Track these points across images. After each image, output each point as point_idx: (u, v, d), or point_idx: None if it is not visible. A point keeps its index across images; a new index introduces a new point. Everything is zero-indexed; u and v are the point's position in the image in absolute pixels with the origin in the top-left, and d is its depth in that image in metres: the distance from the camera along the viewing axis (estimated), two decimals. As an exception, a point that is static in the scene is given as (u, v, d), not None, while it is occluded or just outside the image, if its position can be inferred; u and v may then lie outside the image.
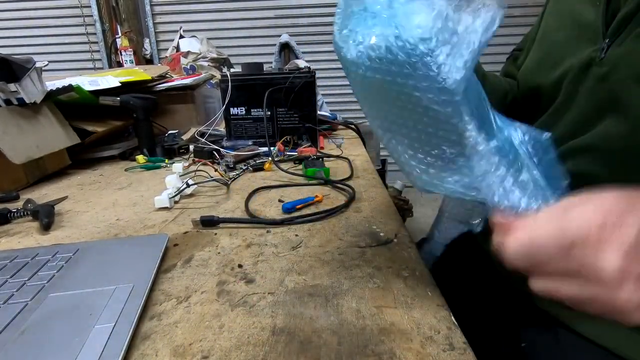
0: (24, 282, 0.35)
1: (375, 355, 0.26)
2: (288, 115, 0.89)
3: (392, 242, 0.43)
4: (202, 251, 0.43)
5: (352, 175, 0.69)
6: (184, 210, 0.55)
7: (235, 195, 0.61)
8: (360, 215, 0.51)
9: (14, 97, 0.70)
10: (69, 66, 2.71)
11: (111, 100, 0.84)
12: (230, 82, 0.87)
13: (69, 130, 0.79)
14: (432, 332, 0.29)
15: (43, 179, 0.74)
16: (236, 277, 0.37)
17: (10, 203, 0.61)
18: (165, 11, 2.77)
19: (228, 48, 2.36)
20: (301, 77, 0.86)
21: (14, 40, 2.77)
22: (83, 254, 0.40)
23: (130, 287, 0.33)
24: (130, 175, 0.77)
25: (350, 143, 1.00)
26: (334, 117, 1.16)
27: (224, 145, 0.86)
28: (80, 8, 2.71)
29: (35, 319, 0.30)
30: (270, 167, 0.76)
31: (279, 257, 0.41)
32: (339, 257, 0.40)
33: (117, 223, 0.52)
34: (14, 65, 0.69)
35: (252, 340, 0.28)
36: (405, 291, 0.34)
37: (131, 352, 0.27)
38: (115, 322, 0.29)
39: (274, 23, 2.72)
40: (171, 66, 1.44)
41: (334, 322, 0.30)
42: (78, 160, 0.84)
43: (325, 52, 2.73)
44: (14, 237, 0.49)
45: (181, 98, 1.10)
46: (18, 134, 0.67)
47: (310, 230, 0.47)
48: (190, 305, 0.33)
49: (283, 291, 0.34)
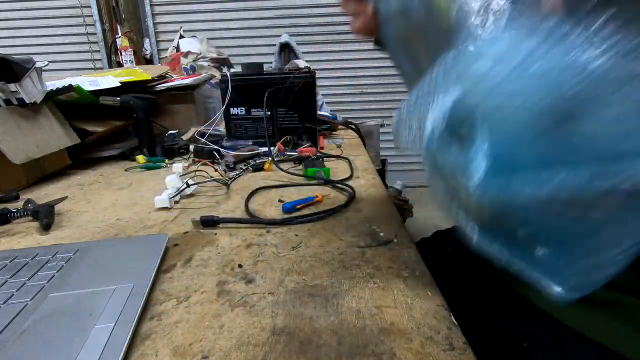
0: (24, 282, 0.35)
1: (375, 355, 0.26)
2: (288, 115, 0.89)
3: (392, 242, 0.43)
4: (202, 251, 0.43)
5: (352, 175, 0.69)
6: (184, 210, 0.55)
7: (235, 195, 0.61)
8: (360, 215, 0.51)
9: (14, 97, 0.70)
10: (69, 66, 2.71)
11: (111, 100, 0.84)
12: (230, 82, 0.87)
13: (69, 130, 0.79)
14: (432, 332, 0.29)
15: (43, 179, 0.74)
16: (236, 277, 0.37)
17: (10, 203, 0.61)
18: (165, 11, 2.77)
19: (228, 48, 2.36)
20: (301, 77, 0.86)
21: (14, 40, 2.77)
22: (83, 254, 0.40)
23: (130, 287, 0.33)
24: (130, 175, 0.77)
25: (350, 143, 1.00)
26: (334, 117, 1.16)
27: (224, 145, 0.86)
28: (80, 8, 2.71)
29: (35, 319, 0.30)
30: (270, 167, 0.76)
31: (279, 257, 0.41)
32: (339, 257, 0.40)
33: (117, 223, 0.52)
34: (14, 65, 0.69)
35: (252, 340, 0.28)
36: (405, 291, 0.34)
37: (131, 352, 0.27)
38: (115, 322, 0.29)
39: (274, 23, 2.72)
40: (171, 66, 1.44)
41: (334, 322, 0.30)
42: (78, 160, 0.84)
43: (325, 52, 2.73)
44: (14, 237, 0.49)
45: (181, 98, 1.10)
46: (18, 134, 0.67)
47: (310, 230, 0.47)
48: (190, 305, 0.33)
49: (283, 291, 0.34)
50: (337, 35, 2.69)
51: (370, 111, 2.75)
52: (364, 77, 2.77)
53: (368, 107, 2.79)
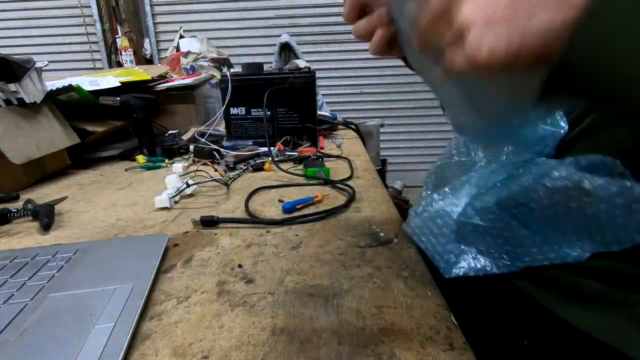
0: (24, 282, 0.35)
1: (375, 355, 0.26)
2: (288, 115, 0.89)
3: (392, 242, 0.43)
4: (202, 251, 0.43)
5: (352, 175, 0.69)
6: (184, 210, 0.55)
7: (235, 195, 0.61)
8: (360, 215, 0.51)
9: (14, 97, 0.70)
10: (69, 66, 2.71)
11: (111, 100, 0.84)
12: (230, 82, 0.87)
13: (69, 130, 0.79)
14: (432, 332, 0.29)
15: (43, 179, 0.74)
16: (236, 277, 0.37)
17: (10, 203, 0.61)
18: (165, 11, 2.77)
19: (228, 48, 2.36)
20: (301, 77, 0.86)
21: (14, 40, 2.77)
22: (83, 254, 0.40)
23: (130, 287, 0.33)
24: (130, 175, 0.77)
25: (350, 143, 1.00)
26: (334, 117, 1.16)
27: (224, 145, 0.86)
28: (80, 8, 2.70)
29: (35, 319, 0.30)
30: (270, 167, 0.76)
31: (279, 257, 0.41)
32: (339, 257, 0.40)
33: (117, 223, 0.52)
34: (14, 65, 0.69)
35: (252, 340, 0.28)
36: (405, 291, 0.34)
37: (131, 352, 0.27)
38: (115, 322, 0.29)
39: (274, 23, 2.71)
40: (171, 66, 1.44)
41: (334, 322, 0.30)
42: (78, 160, 0.84)
43: (325, 52, 2.73)
44: (14, 237, 0.49)
45: (181, 98, 1.10)
46: (18, 134, 0.67)
47: (310, 230, 0.47)
48: (190, 305, 0.33)
49: (283, 291, 0.34)
50: (337, 35, 2.69)
51: (370, 111, 2.75)
52: (364, 77, 2.76)
53: (368, 107, 2.79)
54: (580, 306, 0.37)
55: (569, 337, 0.38)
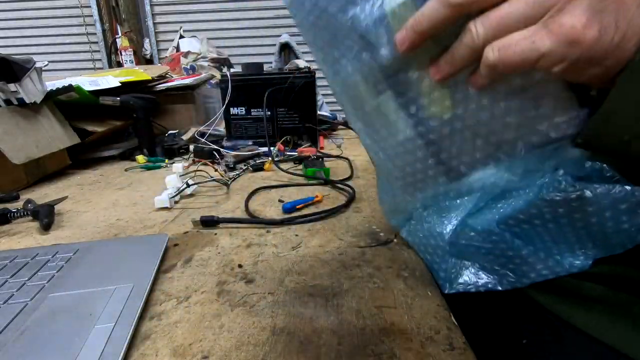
0: (24, 282, 0.35)
1: (375, 355, 0.26)
2: (288, 115, 0.89)
3: (392, 242, 0.43)
4: (202, 251, 0.43)
5: (352, 175, 0.69)
6: (184, 210, 0.55)
7: (235, 195, 0.61)
8: (360, 215, 0.51)
9: (14, 97, 0.70)
10: (69, 66, 2.71)
11: (111, 100, 0.84)
12: (230, 82, 0.87)
13: (69, 130, 0.79)
14: (432, 332, 0.29)
15: (43, 179, 0.74)
16: (236, 277, 0.37)
17: (10, 203, 0.61)
18: (165, 11, 2.77)
19: (228, 48, 2.36)
20: (301, 77, 0.86)
21: (14, 40, 2.77)
22: (83, 254, 0.40)
23: (130, 287, 0.33)
24: (130, 175, 0.77)
25: (350, 143, 1.00)
26: (334, 117, 1.16)
27: (224, 145, 0.86)
28: (80, 8, 2.71)
29: (35, 319, 0.30)
30: (270, 167, 0.76)
31: (279, 257, 0.41)
32: (339, 257, 0.40)
33: (117, 223, 0.52)
34: (14, 65, 0.69)
35: (252, 340, 0.28)
36: (405, 291, 0.34)
37: (131, 352, 0.27)
38: (115, 322, 0.29)
39: (274, 23, 2.72)
40: (171, 66, 1.44)
41: (334, 322, 0.30)
42: (78, 160, 0.84)
43: (325, 52, 2.72)
44: (14, 237, 0.49)
45: (181, 98, 1.10)
46: (18, 134, 0.67)
47: (310, 230, 0.47)
48: (190, 305, 0.33)
49: (283, 291, 0.34)
50: (337, 35, 2.69)
51: (370, 111, 2.75)
52: (364, 77, 2.76)
53: (368, 107, 2.79)
54: (581, 307, 0.37)
55: (569, 337, 0.38)
